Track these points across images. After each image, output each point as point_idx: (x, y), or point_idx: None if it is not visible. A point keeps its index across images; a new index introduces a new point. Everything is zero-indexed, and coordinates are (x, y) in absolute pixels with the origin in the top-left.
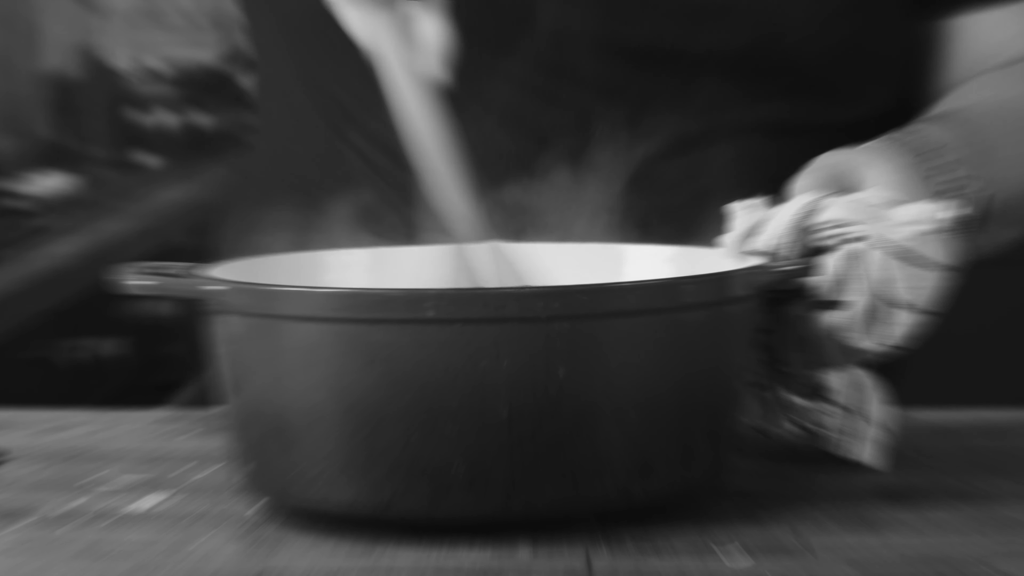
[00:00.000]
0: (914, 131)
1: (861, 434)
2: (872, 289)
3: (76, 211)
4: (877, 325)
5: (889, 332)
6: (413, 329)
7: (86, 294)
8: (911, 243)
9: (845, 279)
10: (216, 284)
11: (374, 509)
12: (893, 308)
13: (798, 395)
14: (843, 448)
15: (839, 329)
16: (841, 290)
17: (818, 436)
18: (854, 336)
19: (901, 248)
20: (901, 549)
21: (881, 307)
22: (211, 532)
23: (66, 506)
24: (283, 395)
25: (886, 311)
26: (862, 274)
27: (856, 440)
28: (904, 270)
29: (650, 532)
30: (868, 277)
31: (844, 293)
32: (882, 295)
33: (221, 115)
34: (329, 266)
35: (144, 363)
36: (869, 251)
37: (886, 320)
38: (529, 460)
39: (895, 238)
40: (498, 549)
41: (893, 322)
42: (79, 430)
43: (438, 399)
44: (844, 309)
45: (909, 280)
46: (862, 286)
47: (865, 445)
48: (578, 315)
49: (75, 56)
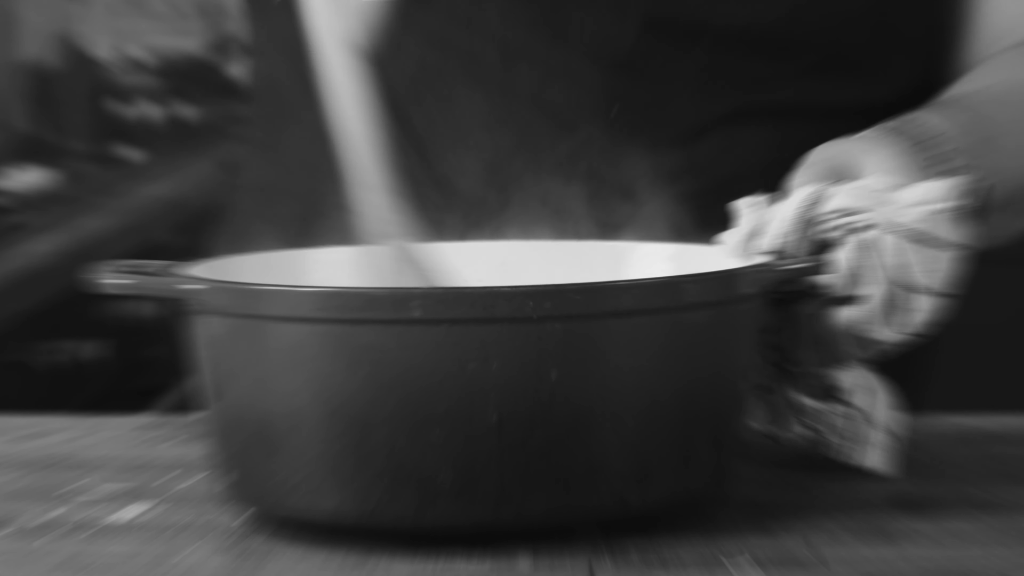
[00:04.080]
0: (912, 120)
1: (868, 439)
2: (889, 277)
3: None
4: (896, 313)
5: (909, 319)
6: (399, 330)
7: (65, 294)
8: (922, 224)
9: (859, 271)
10: (195, 283)
11: (359, 517)
12: (911, 294)
13: (809, 396)
14: (850, 453)
15: (857, 323)
16: (856, 284)
17: (827, 440)
18: (873, 328)
19: (913, 231)
20: (919, 561)
21: (899, 294)
22: (196, 544)
23: (44, 516)
24: (266, 399)
25: (904, 297)
26: (876, 263)
27: (863, 445)
28: (919, 253)
29: (655, 543)
30: (883, 265)
31: (860, 286)
32: (899, 281)
33: (207, 107)
34: (314, 264)
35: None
36: (881, 237)
37: (905, 307)
38: (520, 467)
39: (905, 221)
40: (497, 560)
41: (912, 308)
42: (58, 437)
43: (425, 403)
44: (861, 303)
45: (925, 263)
46: (878, 275)
47: (872, 450)
48: (571, 315)
49: (54, 45)
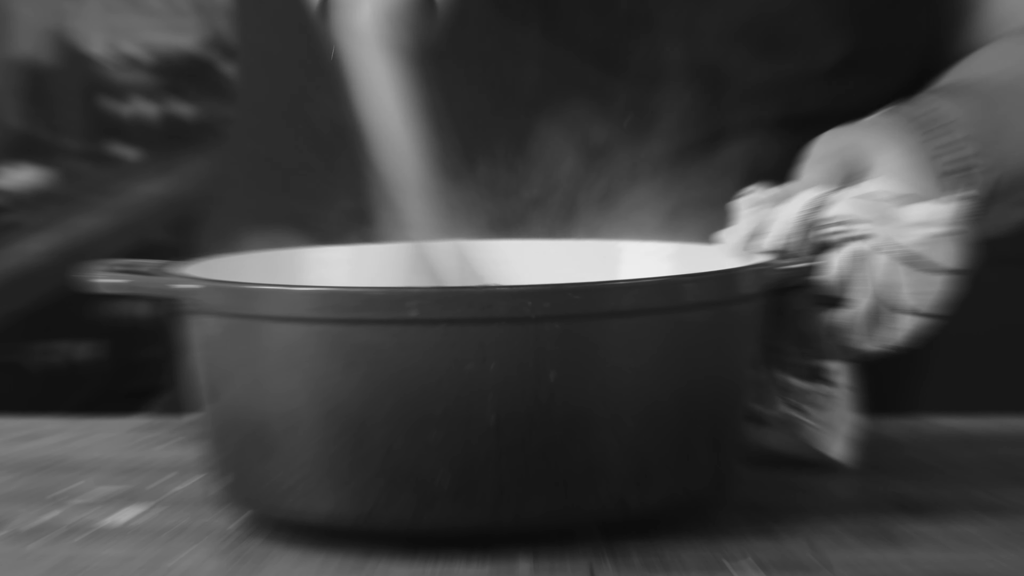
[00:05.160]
0: (924, 104)
1: (838, 427)
2: (875, 292)
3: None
4: (879, 328)
5: (890, 335)
6: (396, 330)
7: (59, 294)
8: (919, 248)
9: (849, 279)
10: (190, 282)
11: (355, 520)
12: (896, 312)
13: (795, 376)
14: (821, 438)
15: (840, 329)
16: (844, 289)
17: (808, 422)
18: (855, 337)
19: (909, 253)
20: (924, 565)
21: (884, 311)
22: (192, 547)
23: (38, 519)
24: (262, 400)
25: (889, 316)
26: (866, 276)
27: (833, 431)
28: (911, 275)
29: (657, 545)
30: (872, 280)
31: (847, 292)
32: (886, 300)
33: (202, 104)
34: (309, 264)
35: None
36: (874, 254)
37: (888, 324)
38: (518, 469)
39: (904, 242)
40: (497, 563)
41: (895, 326)
42: (52, 439)
43: (422, 404)
44: (847, 308)
45: (915, 285)
46: (866, 288)
47: (838, 439)
48: (570, 315)
49: (48, 41)
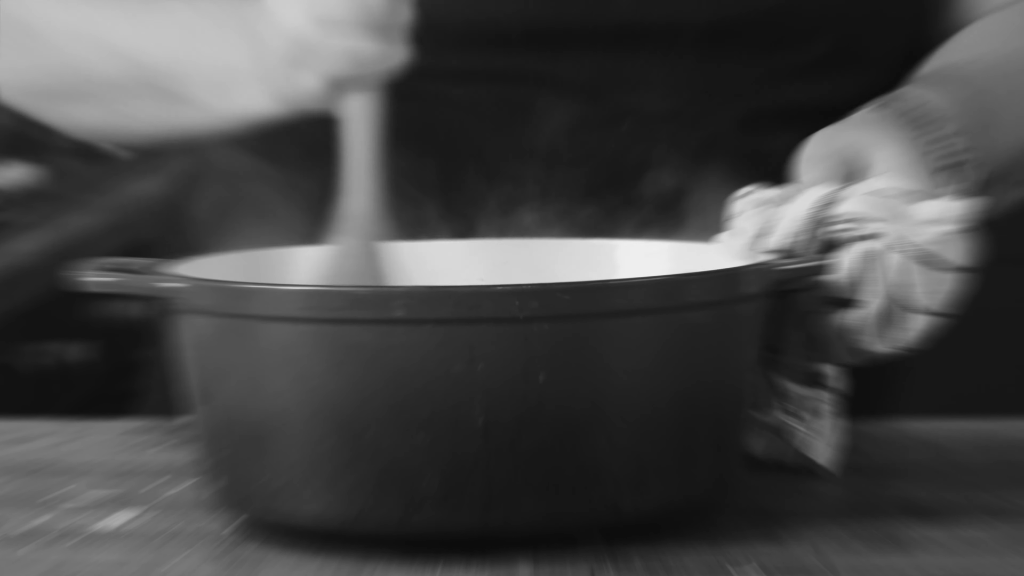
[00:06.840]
0: (911, 98)
1: (825, 434)
2: (888, 292)
3: (39, 205)
4: (891, 328)
5: (902, 336)
6: (382, 330)
7: (50, 294)
8: (933, 246)
9: (860, 279)
10: (180, 281)
11: (343, 523)
12: (908, 312)
13: (793, 381)
14: (809, 445)
15: (850, 330)
16: (855, 290)
17: (802, 428)
18: (865, 338)
19: (923, 252)
20: (932, 570)
21: (896, 311)
22: (186, 552)
23: (29, 524)
24: (254, 401)
25: (901, 315)
26: (878, 276)
27: (821, 438)
28: (924, 274)
29: (660, 550)
30: (885, 280)
31: (858, 293)
32: (899, 299)
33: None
34: (300, 263)
35: (113, 369)
36: (887, 253)
37: (900, 324)
38: (507, 472)
39: (917, 241)
40: (496, 567)
41: (907, 327)
42: (43, 442)
43: (409, 405)
44: (857, 309)
45: (928, 284)
46: (877, 288)
47: (824, 446)
48: (559, 316)
49: None
